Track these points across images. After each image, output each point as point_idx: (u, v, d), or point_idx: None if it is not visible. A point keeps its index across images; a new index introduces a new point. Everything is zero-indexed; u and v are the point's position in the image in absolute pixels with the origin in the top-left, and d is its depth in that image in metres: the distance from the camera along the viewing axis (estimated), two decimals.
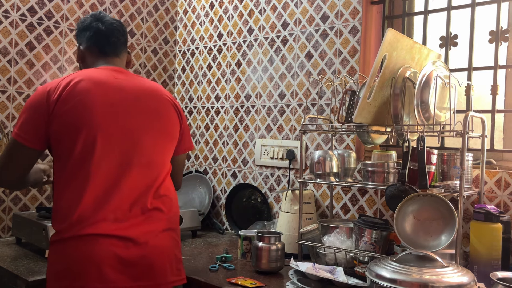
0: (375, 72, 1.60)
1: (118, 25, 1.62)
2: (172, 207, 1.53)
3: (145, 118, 1.49)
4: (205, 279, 1.70)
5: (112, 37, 1.59)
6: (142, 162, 1.45)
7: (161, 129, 1.52)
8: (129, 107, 1.46)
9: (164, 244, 1.46)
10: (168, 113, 1.55)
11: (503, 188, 1.76)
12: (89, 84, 1.41)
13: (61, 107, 1.37)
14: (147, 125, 1.48)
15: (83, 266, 1.34)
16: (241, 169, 2.60)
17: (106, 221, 1.37)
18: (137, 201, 1.43)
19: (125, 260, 1.37)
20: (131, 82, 1.51)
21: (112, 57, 1.60)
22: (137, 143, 1.45)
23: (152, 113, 1.51)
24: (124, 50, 1.65)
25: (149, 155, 1.47)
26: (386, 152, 1.80)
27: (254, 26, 2.56)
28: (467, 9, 1.93)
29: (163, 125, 1.53)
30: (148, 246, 1.41)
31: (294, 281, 1.61)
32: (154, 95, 1.54)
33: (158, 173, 1.49)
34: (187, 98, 2.92)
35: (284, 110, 2.42)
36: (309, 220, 2.05)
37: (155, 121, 1.51)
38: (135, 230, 1.40)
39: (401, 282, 1.27)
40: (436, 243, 1.48)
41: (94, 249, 1.35)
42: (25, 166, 1.47)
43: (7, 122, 2.31)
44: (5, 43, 2.30)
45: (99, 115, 1.40)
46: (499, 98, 1.87)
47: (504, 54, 1.88)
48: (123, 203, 1.40)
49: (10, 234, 2.28)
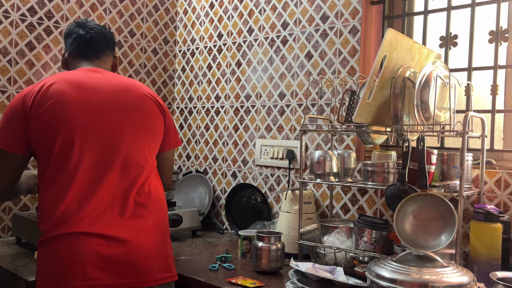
0: (375, 72, 1.60)
1: (99, 30, 1.63)
2: (158, 203, 1.52)
3: (123, 115, 1.47)
4: (205, 279, 1.70)
5: (93, 41, 1.61)
6: (123, 160, 1.44)
7: (141, 126, 1.50)
8: (106, 105, 1.46)
9: (149, 241, 1.45)
10: (148, 109, 1.53)
11: (503, 188, 1.76)
12: (63, 85, 1.42)
13: (36, 110, 1.39)
14: (125, 122, 1.47)
15: (67, 265, 1.35)
16: (241, 169, 2.60)
17: (88, 220, 1.37)
18: (119, 198, 1.42)
19: (108, 258, 1.36)
20: (107, 81, 1.50)
21: (92, 60, 1.61)
22: (116, 141, 1.44)
23: (130, 110, 1.49)
24: (106, 53, 1.65)
25: (130, 153, 1.46)
26: (386, 152, 1.80)
27: (254, 26, 2.56)
28: (467, 9, 1.93)
29: (143, 122, 1.51)
30: (132, 243, 1.40)
31: (294, 281, 1.61)
32: (132, 91, 1.52)
33: (140, 171, 1.48)
34: (187, 98, 2.92)
35: (284, 110, 2.42)
36: (309, 220, 2.05)
37: (133, 118, 1.49)
38: (117, 228, 1.40)
39: (401, 282, 1.27)
40: (436, 243, 1.48)
41: (77, 248, 1.35)
42: (11, 173, 1.47)
43: None
44: (5, 43, 2.30)
45: (75, 114, 1.40)
46: (499, 98, 1.87)
47: (504, 54, 1.88)
48: (104, 201, 1.40)
49: (10, 234, 2.28)
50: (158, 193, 1.54)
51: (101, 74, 1.53)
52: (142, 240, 1.43)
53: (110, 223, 1.40)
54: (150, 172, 1.52)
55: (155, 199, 1.51)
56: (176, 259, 1.93)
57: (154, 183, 1.52)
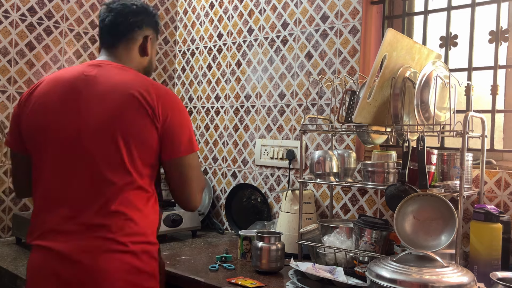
0: (375, 72, 1.60)
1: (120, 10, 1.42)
2: (130, 227, 1.26)
3: (101, 121, 1.27)
4: (205, 279, 1.70)
5: (110, 26, 1.42)
6: (89, 171, 1.26)
7: (122, 133, 1.27)
8: (83, 109, 1.29)
9: (105, 267, 1.23)
10: (131, 113, 1.28)
11: (503, 188, 1.75)
12: (48, 87, 1.35)
13: (23, 111, 1.38)
14: (102, 128, 1.27)
15: (32, 279, 1.29)
16: (241, 169, 2.60)
17: (49, 233, 1.27)
18: (79, 214, 1.25)
19: (61, 278, 1.24)
20: (98, 79, 1.32)
21: (109, 48, 1.43)
22: (86, 149, 1.27)
23: (110, 114, 1.28)
24: (127, 36, 1.42)
25: (99, 163, 1.26)
26: (386, 152, 1.80)
27: (254, 26, 2.56)
28: (467, 9, 1.93)
29: (124, 128, 1.27)
30: (83, 265, 1.23)
31: (294, 281, 1.60)
32: (118, 92, 1.29)
33: (109, 185, 1.26)
34: (187, 98, 2.92)
35: (284, 110, 2.42)
36: (309, 220, 2.05)
37: (113, 123, 1.27)
38: (70, 246, 1.24)
39: (401, 282, 1.27)
40: (436, 243, 1.47)
41: (39, 262, 1.28)
42: (25, 173, 1.41)
43: (7, 122, 2.31)
44: (5, 43, 2.30)
45: (49, 119, 1.31)
46: (499, 98, 1.87)
47: (504, 54, 1.88)
48: (65, 215, 1.26)
49: (10, 234, 2.28)
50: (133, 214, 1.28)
51: (98, 70, 1.34)
52: (95, 264, 1.23)
53: (65, 239, 1.25)
54: (123, 188, 1.27)
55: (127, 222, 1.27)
56: (176, 259, 1.94)
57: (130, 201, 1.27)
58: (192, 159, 1.37)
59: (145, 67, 1.50)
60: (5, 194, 2.31)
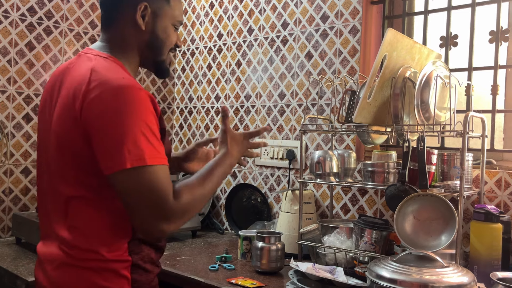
0: (375, 72, 1.60)
1: None
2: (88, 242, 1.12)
3: (52, 124, 1.15)
4: (205, 279, 1.70)
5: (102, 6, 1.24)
6: (50, 180, 1.18)
7: (57, 139, 1.13)
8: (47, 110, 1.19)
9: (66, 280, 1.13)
10: (62, 114, 1.11)
11: (503, 188, 1.75)
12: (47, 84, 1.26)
13: None
14: (52, 132, 1.15)
15: None
16: (241, 169, 2.60)
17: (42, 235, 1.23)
18: (49, 223, 1.18)
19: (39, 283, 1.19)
20: (67, 72, 1.17)
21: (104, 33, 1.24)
22: (47, 155, 1.18)
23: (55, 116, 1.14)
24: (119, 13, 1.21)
25: (53, 172, 1.16)
26: (386, 152, 1.80)
27: (254, 26, 2.56)
28: (467, 9, 1.93)
29: (57, 133, 1.13)
30: (48, 274, 1.15)
31: (294, 281, 1.60)
32: (68, 89, 1.11)
33: (61, 195, 1.13)
34: (187, 98, 2.92)
35: (284, 110, 2.42)
36: (309, 220, 2.05)
37: (55, 127, 1.14)
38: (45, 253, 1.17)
39: (401, 282, 1.27)
40: (436, 243, 1.47)
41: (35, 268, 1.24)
42: None
43: (7, 122, 2.31)
44: (5, 43, 2.30)
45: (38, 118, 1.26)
46: (499, 98, 1.87)
47: (504, 54, 1.88)
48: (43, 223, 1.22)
49: (10, 234, 2.28)
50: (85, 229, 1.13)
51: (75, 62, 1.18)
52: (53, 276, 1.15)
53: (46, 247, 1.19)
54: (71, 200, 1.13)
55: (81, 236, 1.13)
56: (176, 259, 1.93)
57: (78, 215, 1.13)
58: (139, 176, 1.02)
59: (149, 43, 1.23)
60: (5, 194, 2.30)
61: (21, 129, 2.35)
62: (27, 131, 2.37)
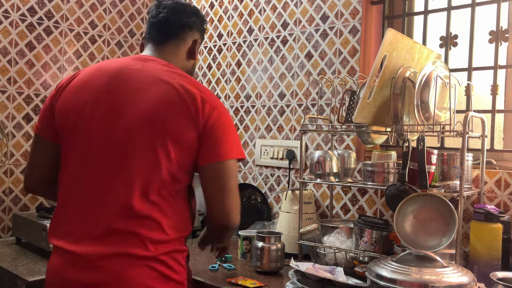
0: (375, 72, 1.60)
1: (172, 7, 1.39)
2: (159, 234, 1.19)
3: (140, 117, 1.21)
4: (205, 279, 1.70)
5: (160, 22, 1.39)
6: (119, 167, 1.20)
7: (161, 132, 1.21)
8: (125, 101, 1.23)
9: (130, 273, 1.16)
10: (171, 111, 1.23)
11: (503, 188, 1.75)
12: (90, 74, 1.29)
13: (61, 94, 1.30)
14: (139, 127, 1.21)
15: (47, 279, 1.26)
16: (241, 169, 2.60)
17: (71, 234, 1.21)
18: (104, 217, 1.19)
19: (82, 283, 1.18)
20: (142, 73, 1.26)
21: (156, 44, 1.38)
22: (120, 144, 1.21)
23: (151, 111, 1.22)
24: (177, 36, 1.38)
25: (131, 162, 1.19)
26: (386, 152, 1.80)
27: (254, 26, 2.56)
28: (467, 9, 1.93)
29: (162, 127, 1.22)
30: (106, 270, 1.16)
31: (294, 281, 1.60)
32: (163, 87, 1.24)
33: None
34: None
35: (284, 110, 2.42)
36: (309, 220, 2.05)
37: (152, 121, 1.22)
38: (93, 250, 1.18)
39: (401, 282, 1.27)
40: (436, 243, 1.47)
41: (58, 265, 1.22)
42: (47, 163, 1.34)
43: (7, 122, 2.31)
44: (5, 43, 2.30)
45: (86, 100, 1.24)
46: (499, 98, 1.87)
47: (504, 54, 1.88)
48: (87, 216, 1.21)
49: (10, 234, 2.28)
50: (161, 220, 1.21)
51: (143, 64, 1.28)
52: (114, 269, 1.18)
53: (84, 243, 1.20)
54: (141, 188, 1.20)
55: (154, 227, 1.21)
56: None
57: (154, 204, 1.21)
58: (234, 167, 1.25)
59: (189, 71, 1.42)
60: (5, 194, 2.31)
61: (21, 129, 2.36)
62: (27, 131, 2.37)
